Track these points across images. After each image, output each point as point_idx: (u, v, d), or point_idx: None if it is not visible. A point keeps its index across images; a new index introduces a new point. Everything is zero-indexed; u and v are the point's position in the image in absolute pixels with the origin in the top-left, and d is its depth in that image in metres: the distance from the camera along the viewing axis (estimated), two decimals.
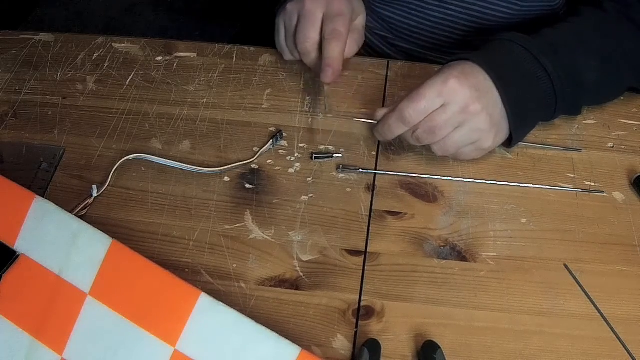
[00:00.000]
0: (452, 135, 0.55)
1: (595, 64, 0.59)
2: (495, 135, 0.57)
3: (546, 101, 0.59)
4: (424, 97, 0.54)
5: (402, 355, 0.50)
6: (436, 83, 0.54)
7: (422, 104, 0.54)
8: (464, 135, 0.55)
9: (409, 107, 0.54)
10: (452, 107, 0.54)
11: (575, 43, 0.60)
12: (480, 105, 0.54)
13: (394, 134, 0.57)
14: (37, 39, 0.74)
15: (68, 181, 0.61)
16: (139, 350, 0.47)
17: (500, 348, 0.51)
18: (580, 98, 0.61)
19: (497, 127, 0.56)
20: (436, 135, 0.55)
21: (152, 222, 0.58)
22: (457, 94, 0.53)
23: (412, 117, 0.54)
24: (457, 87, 0.53)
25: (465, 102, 0.54)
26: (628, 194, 0.60)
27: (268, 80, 0.70)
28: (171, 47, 0.73)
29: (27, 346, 0.49)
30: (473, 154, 0.59)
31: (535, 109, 0.59)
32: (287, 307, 0.53)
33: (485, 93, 0.55)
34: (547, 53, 0.58)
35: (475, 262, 0.56)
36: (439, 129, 0.54)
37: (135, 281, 0.49)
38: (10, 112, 0.66)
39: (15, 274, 0.51)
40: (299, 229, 0.58)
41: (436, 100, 0.54)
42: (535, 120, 0.61)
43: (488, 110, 0.55)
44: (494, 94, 0.56)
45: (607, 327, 0.52)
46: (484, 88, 0.55)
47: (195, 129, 0.65)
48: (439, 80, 0.54)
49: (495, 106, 0.56)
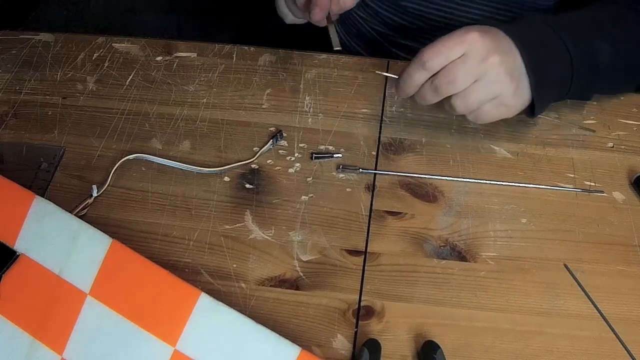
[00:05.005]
0: (472, 88, 0.54)
1: (610, 49, 0.59)
2: (515, 92, 0.55)
3: (563, 76, 0.58)
4: (444, 42, 0.53)
5: (402, 355, 0.50)
6: (457, 33, 0.53)
7: (442, 48, 0.53)
8: (484, 87, 0.54)
9: (428, 50, 0.53)
10: (472, 57, 0.53)
11: (591, 27, 0.60)
12: (499, 57, 0.53)
13: (414, 81, 0.55)
14: (37, 39, 0.74)
15: (68, 181, 0.61)
16: (139, 350, 0.47)
17: (500, 348, 0.51)
18: (594, 81, 0.61)
19: (517, 83, 0.55)
20: (455, 85, 0.53)
21: (152, 222, 0.58)
22: (477, 44, 0.53)
23: (431, 60, 0.53)
24: (478, 38, 0.53)
25: (486, 52, 0.53)
26: (628, 194, 0.60)
27: (268, 80, 0.70)
28: (171, 47, 0.73)
29: (27, 346, 0.49)
30: (495, 112, 0.56)
31: (553, 81, 0.58)
32: (287, 307, 0.53)
33: (505, 50, 0.54)
34: (566, 30, 0.57)
35: (475, 262, 0.56)
36: (459, 79, 0.53)
37: (135, 281, 0.49)
38: (10, 112, 0.66)
39: (15, 274, 0.51)
40: (299, 229, 0.58)
41: (456, 48, 0.53)
42: (552, 92, 0.60)
43: (507, 65, 0.54)
44: (515, 53, 0.55)
45: (607, 327, 0.52)
46: (504, 45, 0.55)
47: (195, 129, 0.65)
48: (461, 31, 0.53)
49: (514, 63, 0.55)
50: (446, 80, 0.53)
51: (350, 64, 0.71)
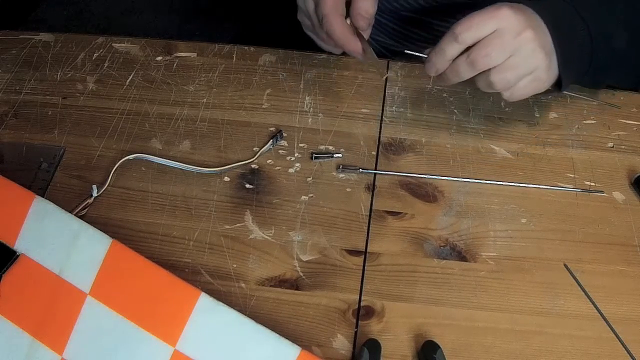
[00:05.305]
0: (509, 62, 0.54)
1: (625, 33, 0.59)
2: (549, 66, 0.56)
3: (582, 54, 0.58)
4: (476, 16, 0.53)
5: (402, 355, 0.50)
6: (489, 8, 0.53)
7: (474, 21, 0.52)
8: (521, 62, 0.54)
9: (461, 24, 0.53)
10: (506, 31, 0.53)
11: (606, 10, 0.59)
12: (533, 31, 0.53)
13: (446, 55, 0.55)
14: (37, 39, 0.74)
15: (68, 181, 0.61)
16: (139, 350, 0.47)
17: (500, 348, 0.51)
18: (609, 66, 0.60)
19: (549, 57, 0.55)
20: (492, 58, 0.53)
21: (152, 222, 0.58)
22: (510, 19, 0.53)
23: (464, 33, 0.53)
24: (511, 14, 0.53)
25: (520, 27, 0.53)
26: (628, 194, 0.60)
27: (268, 80, 0.70)
28: (171, 47, 0.73)
29: (27, 346, 0.49)
30: (530, 87, 0.56)
31: (576, 58, 0.58)
32: (287, 307, 0.53)
33: (536, 25, 0.54)
34: (586, 10, 0.57)
35: (475, 262, 0.56)
36: (495, 52, 0.53)
37: (135, 281, 0.49)
38: (10, 112, 0.66)
39: (15, 274, 0.51)
40: (299, 229, 0.58)
41: (489, 22, 0.53)
42: (574, 69, 0.59)
43: (540, 39, 0.54)
44: (544, 28, 0.55)
45: (607, 327, 0.52)
46: (535, 21, 0.55)
47: (195, 129, 0.65)
48: (492, 7, 0.53)
49: (545, 38, 0.55)
50: (483, 54, 0.53)
51: (350, 64, 0.71)
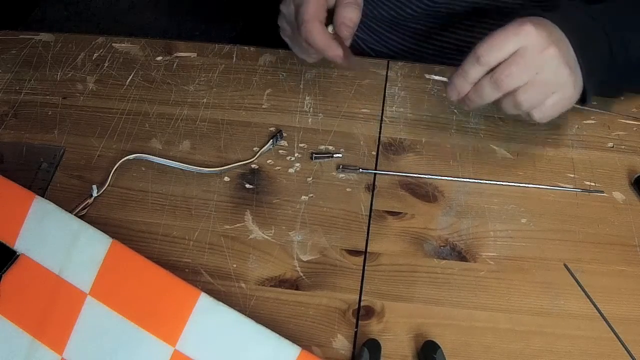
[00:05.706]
0: (534, 81, 0.52)
1: None
2: (575, 81, 0.54)
3: (602, 65, 0.57)
4: (498, 36, 0.51)
5: (402, 355, 0.50)
6: (511, 25, 0.52)
7: (496, 41, 0.51)
8: (546, 78, 0.52)
9: (483, 45, 0.52)
10: (529, 49, 0.51)
11: (624, 18, 0.59)
12: (557, 48, 0.52)
13: (469, 78, 0.53)
14: (37, 39, 0.74)
15: (68, 181, 0.61)
16: (139, 350, 0.47)
17: (500, 348, 0.51)
18: (626, 74, 0.59)
19: (574, 72, 0.54)
20: (516, 78, 0.52)
21: (152, 222, 0.58)
22: (533, 37, 0.51)
23: (486, 55, 0.51)
24: (533, 30, 0.51)
25: (543, 44, 0.51)
26: (628, 194, 0.60)
27: (268, 80, 0.70)
28: (171, 47, 0.73)
29: (27, 346, 0.49)
30: (560, 105, 0.55)
31: (597, 69, 0.57)
32: (287, 307, 0.53)
33: (559, 40, 0.53)
34: (604, 18, 0.56)
35: (475, 262, 0.56)
36: (520, 71, 0.52)
37: (135, 281, 0.49)
38: (10, 112, 0.66)
39: (15, 274, 0.51)
40: (299, 229, 0.58)
41: (511, 41, 0.51)
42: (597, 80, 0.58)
43: (564, 55, 0.53)
44: (566, 42, 0.54)
45: (607, 327, 0.52)
46: (556, 35, 0.53)
47: (195, 129, 0.65)
48: (515, 24, 0.52)
49: (569, 53, 0.54)
50: (507, 73, 0.51)
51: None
